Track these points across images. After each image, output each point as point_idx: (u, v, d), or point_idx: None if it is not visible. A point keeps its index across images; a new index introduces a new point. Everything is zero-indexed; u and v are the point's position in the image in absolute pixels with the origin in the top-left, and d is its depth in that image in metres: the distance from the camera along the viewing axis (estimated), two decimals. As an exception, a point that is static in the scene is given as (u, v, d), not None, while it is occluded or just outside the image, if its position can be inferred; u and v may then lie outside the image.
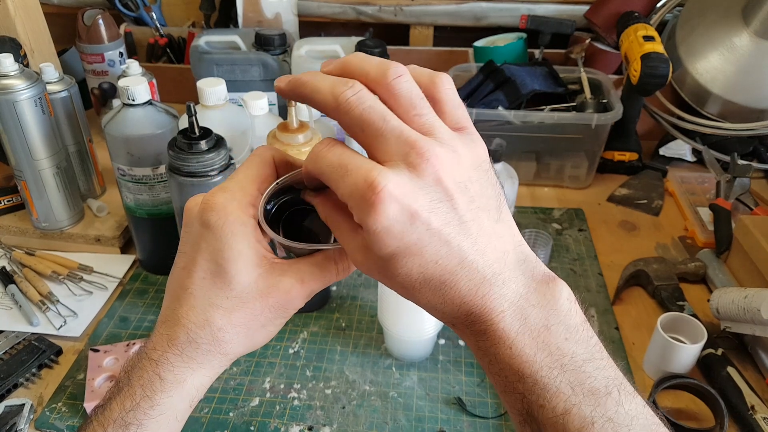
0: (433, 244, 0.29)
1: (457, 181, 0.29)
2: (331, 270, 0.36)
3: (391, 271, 0.30)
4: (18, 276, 0.83)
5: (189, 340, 0.34)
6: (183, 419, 0.36)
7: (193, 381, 0.35)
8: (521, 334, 0.30)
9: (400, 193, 0.28)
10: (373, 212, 0.28)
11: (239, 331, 0.34)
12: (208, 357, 0.34)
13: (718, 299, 0.72)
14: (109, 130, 0.76)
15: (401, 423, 0.65)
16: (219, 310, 0.34)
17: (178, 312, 0.34)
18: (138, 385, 0.34)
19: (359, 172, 0.28)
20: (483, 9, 1.29)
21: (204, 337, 0.34)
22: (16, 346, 0.73)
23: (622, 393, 0.30)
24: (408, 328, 0.68)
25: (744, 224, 0.80)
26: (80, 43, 1.09)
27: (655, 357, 0.69)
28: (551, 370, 0.29)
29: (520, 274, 0.31)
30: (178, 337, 0.34)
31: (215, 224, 0.33)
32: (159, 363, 0.34)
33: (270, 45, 1.05)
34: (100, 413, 0.35)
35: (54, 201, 0.85)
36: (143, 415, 0.34)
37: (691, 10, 1.12)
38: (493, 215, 0.31)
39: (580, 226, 0.97)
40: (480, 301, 0.30)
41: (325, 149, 0.30)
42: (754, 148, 1.08)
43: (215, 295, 0.33)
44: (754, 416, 0.62)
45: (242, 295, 0.34)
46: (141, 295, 0.82)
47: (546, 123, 0.99)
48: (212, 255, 0.33)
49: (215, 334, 0.34)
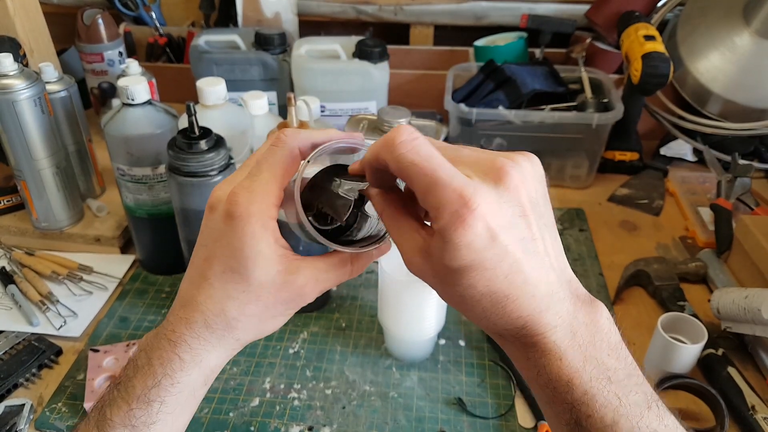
0: (507, 261, 0.29)
1: (531, 196, 0.31)
2: (345, 270, 0.37)
3: (455, 281, 0.30)
4: (18, 276, 0.83)
5: (206, 325, 0.36)
6: (200, 397, 0.38)
7: (208, 361, 0.37)
8: (571, 347, 0.31)
9: (489, 210, 0.29)
10: (462, 227, 0.28)
11: (252, 320, 0.36)
12: (222, 341, 0.37)
13: (719, 299, 0.72)
14: (109, 129, 0.75)
15: (401, 423, 0.65)
16: (235, 302, 0.35)
17: (197, 298, 0.36)
18: (158, 364, 0.36)
19: (453, 185, 0.29)
20: (483, 8, 1.29)
21: (219, 323, 0.36)
22: (16, 347, 0.73)
23: (660, 408, 0.32)
24: (408, 328, 0.68)
25: (745, 224, 0.80)
26: (80, 42, 1.09)
27: (655, 357, 0.69)
28: (599, 381, 0.31)
29: (570, 293, 0.32)
30: (196, 321, 0.36)
31: (237, 225, 0.34)
32: (177, 344, 0.36)
33: (270, 44, 1.05)
34: (123, 389, 0.36)
35: (54, 201, 0.85)
36: (165, 392, 0.35)
37: (692, 9, 1.12)
38: (553, 233, 0.32)
39: (580, 225, 0.97)
40: (537, 317, 0.31)
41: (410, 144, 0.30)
42: (755, 148, 1.08)
43: (233, 289, 0.35)
44: (754, 416, 0.62)
45: (258, 290, 0.35)
46: (141, 295, 0.82)
47: (546, 123, 0.98)
48: (233, 252, 0.35)
49: (229, 322, 0.36)
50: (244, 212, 0.34)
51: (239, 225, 0.34)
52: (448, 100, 0.99)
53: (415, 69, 1.24)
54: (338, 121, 1.04)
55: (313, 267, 0.36)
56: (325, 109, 1.03)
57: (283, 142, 0.35)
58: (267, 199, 0.34)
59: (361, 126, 0.79)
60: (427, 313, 0.67)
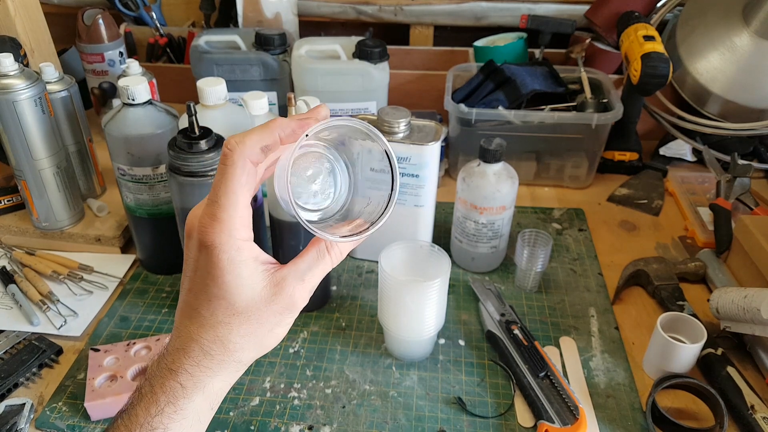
0: None
1: None
2: (326, 261, 0.38)
3: None
4: (18, 276, 0.83)
5: (203, 353, 0.36)
6: (206, 422, 0.38)
7: (212, 386, 0.37)
8: None
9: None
10: None
11: (249, 339, 0.36)
12: (222, 365, 0.37)
13: (718, 299, 0.72)
14: (109, 129, 0.76)
15: (401, 422, 0.65)
16: (227, 327, 0.36)
17: (190, 329, 0.36)
18: (161, 392, 0.36)
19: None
20: (483, 9, 1.29)
21: (216, 349, 0.36)
22: (16, 346, 0.73)
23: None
24: (408, 327, 0.68)
25: (744, 224, 0.80)
26: (80, 42, 1.09)
27: (654, 357, 0.69)
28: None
29: None
30: (193, 351, 0.36)
31: (212, 255, 0.35)
32: (178, 373, 0.36)
33: (270, 45, 1.05)
34: (126, 417, 0.37)
35: (54, 201, 0.85)
36: (168, 419, 0.36)
37: (691, 9, 1.12)
38: None
39: (580, 226, 0.97)
40: None
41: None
42: (755, 148, 1.08)
43: (222, 314, 0.35)
44: (753, 416, 0.62)
45: (247, 311, 0.35)
46: (141, 294, 0.82)
47: (546, 123, 0.99)
48: (213, 281, 0.35)
49: (226, 346, 0.36)
50: (216, 241, 0.34)
51: (214, 254, 0.34)
52: (448, 100, 1.00)
53: (415, 69, 1.24)
54: (338, 121, 1.04)
55: (295, 270, 0.37)
56: (325, 110, 1.03)
57: (230, 159, 0.34)
58: (233, 224, 0.34)
59: (361, 126, 0.79)
60: (427, 313, 0.67)
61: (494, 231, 0.82)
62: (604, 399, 0.67)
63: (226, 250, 0.34)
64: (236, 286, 0.35)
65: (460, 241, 0.85)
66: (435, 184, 0.80)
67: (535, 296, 0.82)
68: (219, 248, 0.34)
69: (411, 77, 1.18)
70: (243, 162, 0.34)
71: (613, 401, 0.67)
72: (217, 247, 0.34)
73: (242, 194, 0.35)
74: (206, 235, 0.34)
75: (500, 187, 0.79)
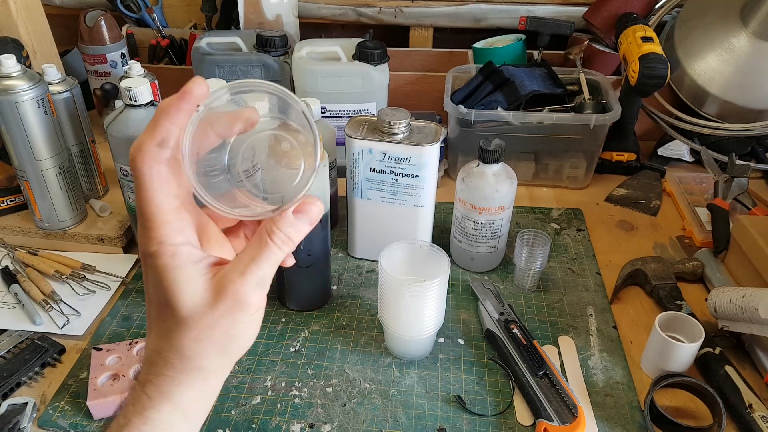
0: None
1: None
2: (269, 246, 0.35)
3: None
4: (21, 275, 0.83)
5: (164, 362, 0.35)
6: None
7: (181, 395, 0.36)
8: None
9: None
10: None
11: (203, 345, 0.35)
12: (184, 373, 0.35)
13: (716, 298, 0.73)
14: (112, 130, 0.76)
15: (401, 421, 0.65)
16: (177, 334, 0.34)
17: (151, 339, 0.36)
18: (129, 403, 0.36)
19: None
20: (482, 10, 1.30)
21: (174, 358, 0.35)
22: (19, 345, 0.73)
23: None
24: (408, 326, 0.69)
25: (742, 224, 0.81)
26: (82, 44, 1.10)
27: (653, 356, 0.70)
28: None
29: None
30: (156, 362, 0.35)
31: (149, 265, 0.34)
32: (144, 384, 0.36)
33: (271, 46, 1.05)
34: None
35: (57, 201, 0.86)
36: (136, 429, 0.35)
37: (689, 11, 1.13)
38: None
39: (578, 226, 0.97)
40: None
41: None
42: (752, 149, 1.09)
43: (171, 322, 0.34)
44: (752, 415, 0.63)
45: (193, 315, 0.34)
46: (143, 294, 0.83)
47: (545, 124, 0.99)
48: (156, 289, 0.34)
49: (182, 353, 0.35)
50: (149, 250, 0.34)
51: (150, 264, 0.34)
52: (447, 101, 1.00)
53: (415, 71, 1.25)
54: (338, 122, 1.04)
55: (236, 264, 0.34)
56: (326, 111, 1.04)
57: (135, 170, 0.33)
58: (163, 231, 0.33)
59: (361, 127, 0.79)
60: (427, 312, 0.67)
61: (493, 231, 0.83)
62: (602, 398, 0.68)
63: (159, 257, 0.33)
64: (175, 292, 0.34)
65: (459, 241, 0.86)
66: (434, 184, 0.81)
67: (534, 295, 0.82)
68: (153, 257, 0.33)
69: (411, 79, 1.19)
70: (148, 168, 0.33)
71: (611, 400, 0.67)
72: (152, 256, 0.33)
73: (163, 199, 0.33)
74: (142, 246, 0.34)
75: (499, 188, 0.79)
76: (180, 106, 0.33)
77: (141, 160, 0.33)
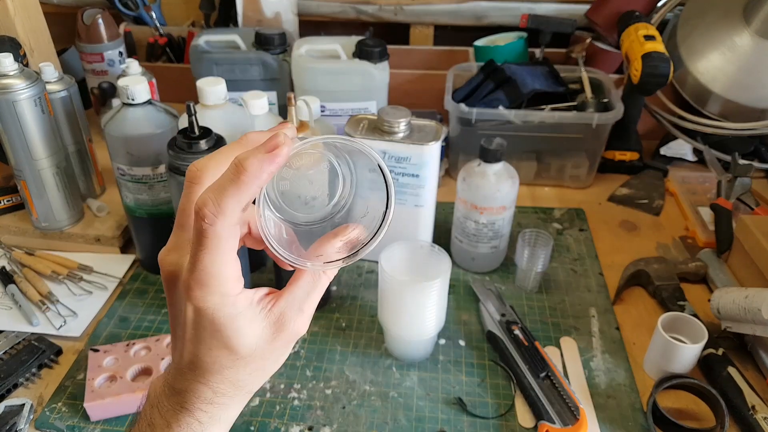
0: None
1: None
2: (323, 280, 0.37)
3: None
4: (18, 276, 0.83)
5: (214, 393, 0.36)
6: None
7: (227, 416, 0.38)
8: None
9: None
10: None
11: (257, 374, 0.37)
12: (234, 399, 0.37)
13: (719, 299, 0.72)
14: (109, 129, 0.75)
15: (401, 423, 0.65)
16: (233, 370, 0.36)
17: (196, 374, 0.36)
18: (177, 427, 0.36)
19: None
20: (483, 8, 1.29)
21: (226, 388, 0.36)
22: (16, 346, 0.73)
23: None
24: (408, 328, 0.68)
25: (745, 224, 0.80)
26: (80, 42, 1.09)
27: (655, 357, 0.69)
28: None
29: None
30: (204, 393, 0.36)
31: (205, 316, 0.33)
32: (193, 411, 0.36)
33: (270, 44, 1.05)
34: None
35: (54, 201, 0.85)
36: None
37: (692, 9, 1.12)
38: None
39: (580, 225, 0.97)
40: None
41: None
42: (755, 148, 1.08)
43: (226, 361, 0.35)
44: (754, 416, 0.62)
45: (252, 354, 0.35)
46: (141, 295, 0.82)
47: (546, 122, 0.98)
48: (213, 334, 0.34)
49: (236, 385, 0.36)
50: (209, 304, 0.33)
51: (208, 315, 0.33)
52: (448, 99, 0.99)
53: (415, 69, 1.24)
54: (338, 120, 1.04)
55: (292, 300, 0.35)
56: (326, 109, 1.03)
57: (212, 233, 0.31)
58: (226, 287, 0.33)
59: (361, 126, 0.79)
60: (427, 313, 0.67)
61: (494, 231, 0.82)
62: (604, 399, 0.67)
63: (220, 309, 0.33)
64: (236, 337, 0.34)
65: (460, 241, 0.85)
66: (435, 184, 0.80)
67: (536, 296, 0.82)
68: (213, 309, 0.33)
69: (411, 77, 1.18)
70: (228, 232, 0.31)
71: (613, 401, 0.67)
72: (211, 308, 0.33)
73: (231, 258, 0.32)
74: (197, 300, 0.33)
75: (500, 187, 0.78)
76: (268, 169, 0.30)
77: (222, 225, 0.30)
